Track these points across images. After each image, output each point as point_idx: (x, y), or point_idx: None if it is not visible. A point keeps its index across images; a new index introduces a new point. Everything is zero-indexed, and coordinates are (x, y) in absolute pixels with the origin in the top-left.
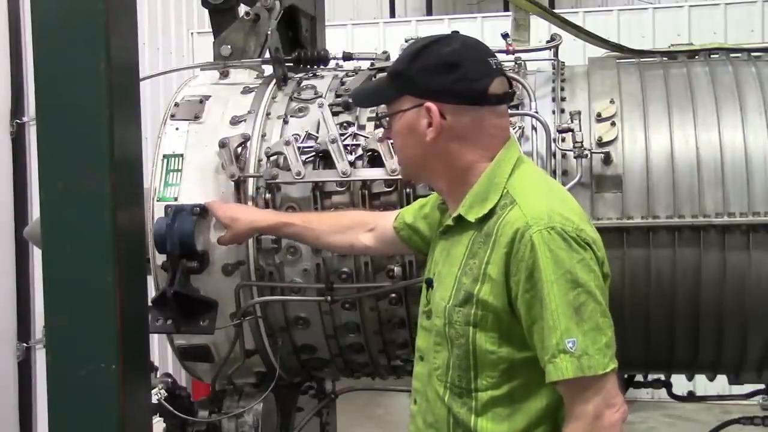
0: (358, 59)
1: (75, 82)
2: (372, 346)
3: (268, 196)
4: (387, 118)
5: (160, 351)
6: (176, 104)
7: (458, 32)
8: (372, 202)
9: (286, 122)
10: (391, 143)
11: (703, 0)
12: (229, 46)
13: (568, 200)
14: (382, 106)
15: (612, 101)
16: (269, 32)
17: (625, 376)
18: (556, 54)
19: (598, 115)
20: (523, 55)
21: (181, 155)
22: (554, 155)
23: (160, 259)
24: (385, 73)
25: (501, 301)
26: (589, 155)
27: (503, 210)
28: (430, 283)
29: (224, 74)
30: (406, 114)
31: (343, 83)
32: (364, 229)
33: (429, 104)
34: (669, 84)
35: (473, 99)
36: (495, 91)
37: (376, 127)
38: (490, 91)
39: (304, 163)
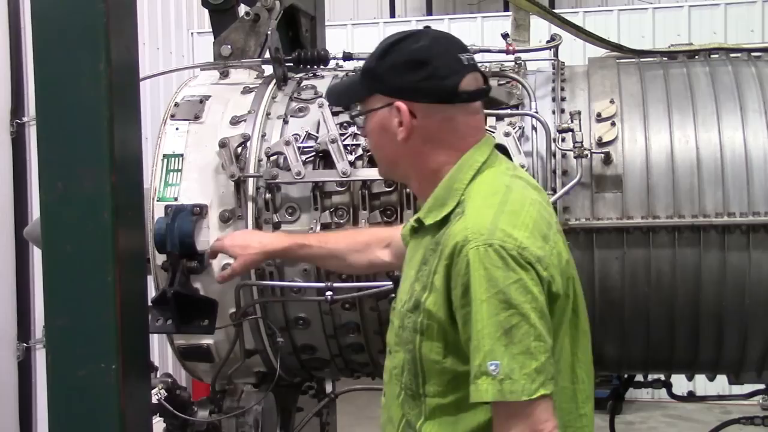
0: (358, 59)
1: (75, 82)
2: (372, 346)
3: (268, 196)
4: (360, 117)
5: (160, 351)
6: (176, 104)
7: (430, 27)
8: (372, 202)
9: (286, 122)
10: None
11: (703, 0)
12: (229, 46)
13: (521, 214)
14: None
15: (612, 101)
16: (269, 32)
17: (625, 376)
18: (556, 54)
19: (598, 115)
20: (523, 55)
21: (181, 155)
22: (554, 155)
23: (160, 259)
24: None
25: (443, 312)
26: (589, 155)
27: (454, 218)
28: (397, 281)
29: (224, 74)
30: (377, 113)
31: None
32: (382, 245)
33: (399, 104)
34: (669, 84)
35: (443, 97)
36: (467, 88)
37: None
38: (461, 88)
39: (304, 163)
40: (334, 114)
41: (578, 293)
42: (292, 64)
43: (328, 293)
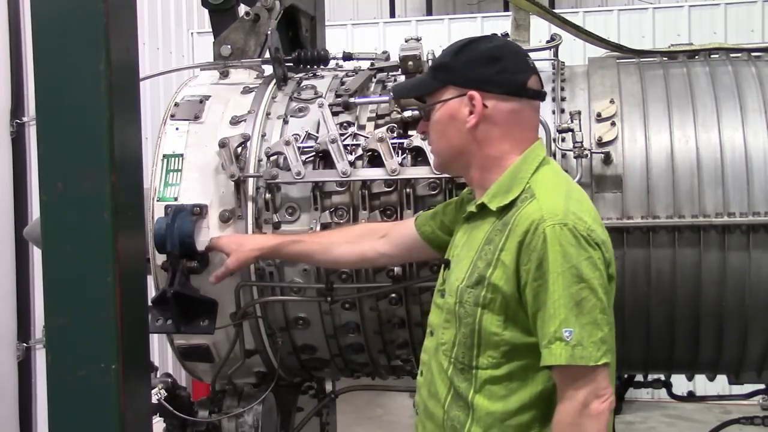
0: (358, 59)
1: (75, 82)
2: (372, 346)
3: (268, 196)
4: (426, 110)
5: (160, 351)
6: (176, 104)
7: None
8: (372, 202)
9: (286, 122)
10: (424, 137)
11: (703, 0)
12: (229, 46)
13: (584, 202)
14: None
15: (612, 101)
16: (269, 32)
17: (625, 376)
18: (556, 54)
19: (598, 115)
20: None
21: (181, 155)
22: (554, 155)
23: (160, 259)
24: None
25: (510, 286)
26: (589, 155)
27: (523, 203)
28: (447, 264)
29: (224, 74)
30: (447, 104)
31: (343, 83)
32: (376, 236)
33: (473, 93)
34: (669, 84)
35: (513, 90)
36: (533, 86)
37: (376, 126)
38: (528, 85)
39: (304, 163)
40: (334, 114)
41: None
42: (292, 64)
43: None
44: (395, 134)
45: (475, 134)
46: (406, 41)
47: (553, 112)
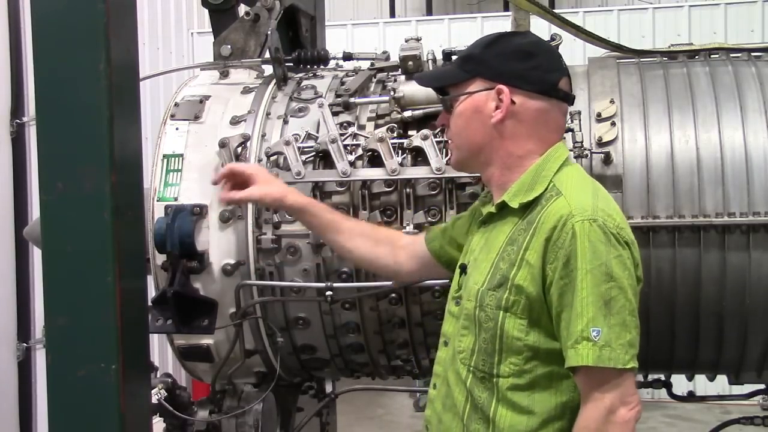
0: (358, 59)
1: (75, 82)
2: (372, 346)
3: None
4: (449, 102)
5: (160, 351)
6: (176, 104)
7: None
8: (372, 202)
9: (286, 122)
10: (444, 130)
11: (703, 0)
12: (229, 46)
13: (610, 201)
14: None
15: (612, 101)
16: (269, 32)
17: None
18: None
19: (598, 115)
20: None
21: (181, 155)
22: None
23: (160, 259)
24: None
25: (535, 286)
26: (589, 155)
27: (548, 201)
28: (463, 269)
29: (224, 74)
30: (473, 96)
31: (343, 83)
32: (396, 244)
33: (501, 87)
34: (669, 84)
35: (545, 88)
36: (563, 88)
37: (376, 126)
38: (559, 86)
39: (304, 163)
40: (334, 114)
41: None
42: (292, 64)
43: (328, 293)
44: (395, 134)
45: (500, 130)
46: (406, 41)
47: None
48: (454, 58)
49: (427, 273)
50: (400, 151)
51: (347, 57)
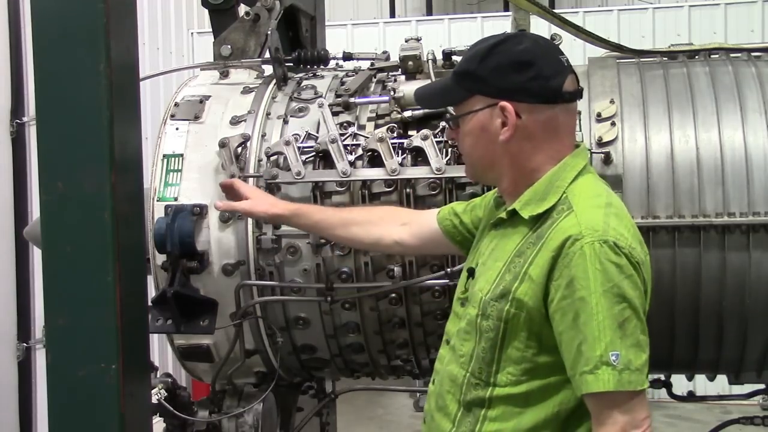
0: (358, 59)
1: (75, 82)
2: (372, 346)
3: None
4: (454, 120)
5: (160, 351)
6: (176, 104)
7: (525, 30)
8: (372, 202)
9: (286, 122)
10: (452, 143)
11: (703, 0)
12: (229, 46)
13: (624, 218)
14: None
15: (612, 101)
16: (269, 32)
17: None
18: None
19: (598, 115)
20: None
21: (181, 155)
22: None
23: (160, 259)
24: (450, 73)
25: (536, 302)
26: (588, 155)
27: (559, 215)
28: (471, 272)
29: (224, 74)
30: (477, 114)
31: (343, 83)
32: (397, 222)
33: (504, 103)
34: (669, 84)
35: (549, 97)
36: (568, 89)
37: (376, 126)
38: (564, 89)
39: (304, 163)
40: (334, 114)
41: None
42: (292, 64)
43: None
44: (395, 134)
45: (509, 147)
46: (406, 41)
47: None
48: (453, 57)
49: (428, 248)
50: (400, 151)
51: (347, 57)
